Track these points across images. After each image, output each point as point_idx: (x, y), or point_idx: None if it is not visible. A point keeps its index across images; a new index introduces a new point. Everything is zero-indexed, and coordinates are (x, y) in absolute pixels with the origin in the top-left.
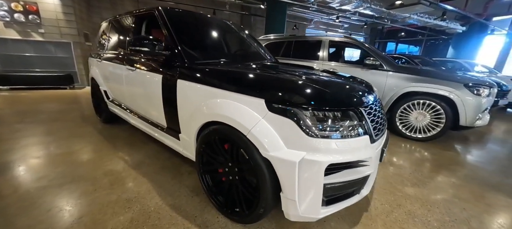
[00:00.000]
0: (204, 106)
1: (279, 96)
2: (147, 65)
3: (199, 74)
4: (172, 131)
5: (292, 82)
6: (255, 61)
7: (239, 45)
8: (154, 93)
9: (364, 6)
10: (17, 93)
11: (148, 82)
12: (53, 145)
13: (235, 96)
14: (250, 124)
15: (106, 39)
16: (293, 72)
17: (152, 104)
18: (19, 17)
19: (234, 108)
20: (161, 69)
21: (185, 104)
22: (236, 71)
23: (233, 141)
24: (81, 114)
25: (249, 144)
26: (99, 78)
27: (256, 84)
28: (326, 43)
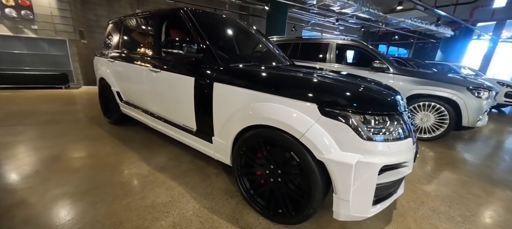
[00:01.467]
0: (249, 110)
1: (333, 101)
2: (176, 67)
3: (241, 78)
4: (203, 134)
5: (343, 87)
6: (276, 63)
7: (260, 47)
8: (183, 95)
9: (363, 9)
10: (7, 93)
11: (177, 84)
12: (66, 149)
13: (285, 101)
14: (304, 127)
15: (119, 39)
16: (328, 75)
17: (180, 106)
18: (10, 12)
19: (285, 112)
20: (194, 71)
21: (223, 107)
22: (284, 75)
23: (281, 144)
24: (86, 115)
25: (302, 147)
26: (111, 79)
27: (307, 89)
28: (333, 45)
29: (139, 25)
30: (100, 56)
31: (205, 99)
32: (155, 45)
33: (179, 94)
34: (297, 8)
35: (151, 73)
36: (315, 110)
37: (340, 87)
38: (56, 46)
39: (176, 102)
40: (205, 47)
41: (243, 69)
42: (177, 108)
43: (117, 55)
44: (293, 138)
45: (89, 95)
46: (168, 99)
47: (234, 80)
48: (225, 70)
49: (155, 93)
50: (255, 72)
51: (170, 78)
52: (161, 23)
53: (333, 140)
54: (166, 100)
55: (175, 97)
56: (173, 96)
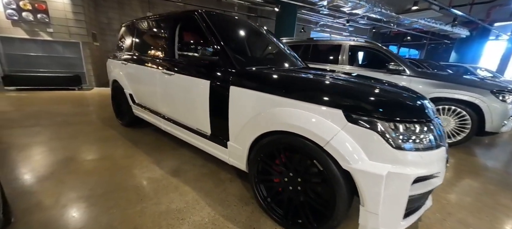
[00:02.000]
0: (268, 115)
1: (360, 107)
2: (190, 70)
3: (259, 81)
4: (217, 138)
5: (370, 92)
6: (291, 65)
7: (274, 49)
8: (198, 99)
9: (375, 10)
10: (24, 94)
11: (191, 87)
12: (81, 151)
13: (307, 106)
14: (328, 135)
15: (133, 42)
16: (353, 79)
17: (194, 110)
18: (27, 15)
19: (308, 118)
20: (209, 74)
21: (240, 111)
22: (306, 79)
23: (302, 151)
24: (99, 117)
25: (326, 156)
26: (124, 81)
27: (331, 94)
28: (346, 47)
29: (152, 28)
30: (113, 59)
31: (220, 103)
32: (168, 48)
33: (193, 97)
34: (306, 9)
35: (164, 76)
36: (340, 117)
37: (367, 92)
38: (70, 49)
39: (190, 106)
40: (221, 50)
41: (261, 72)
42: (191, 112)
43: (130, 57)
44: (317, 145)
45: (101, 97)
46: (182, 102)
47: (252, 83)
48: (242, 73)
49: (168, 96)
50: (275, 76)
51: (184, 81)
52: (175, 26)
53: (361, 148)
54: (180, 103)
55: (189, 101)
56: (187, 99)
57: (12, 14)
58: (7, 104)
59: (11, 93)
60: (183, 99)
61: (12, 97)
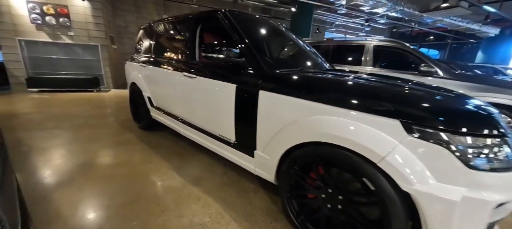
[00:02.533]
0: (306, 124)
1: (423, 117)
2: (214, 73)
3: (295, 86)
4: (242, 146)
5: (434, 100)
6: (320, 67)
7: (300, 50)
8: (222, 103)
9: (397, 8)
10: (46, 96)
11: (215, 91)
12: (100, 155)
13: (356, 115)
14: (384, 150)
15: (152, 44)
16: (411, 85)
17: (217, 115)
18: (50, 20)
19: (356, 129)
20: (235, 78)
21: (270, 119)
22: (354, 83)
23: (348, 166)
24: (117, 119)
25: (379, 174)
26: (143, 84)
27: (386, 101)
28: (369, 48)
29: (172, 30)
30: (131, 61)
31: (247, 109)
32: (189, 50)
33: (216, 102)
34: (323, 9)
35: (185, 79)
36: (398, 128)
37: (431, 99)
38: (89, 51)
39: (213, 111)
40: (247, 51)
41: (297, 75)
42: (213, 117)
43: (149, 60)
44: (368, 161)
45: (118, 99)
46: (203, 106)
47: (285, 88)
48: (273, 76)
49: (189, 100)
50: (314, 80)
51: (206, 84)
52: (196, 27)
53: (426, 167)
54: (201, 108)
55: (212, 105)
56: (209, 104)
57: (36, 19)
58: (30, 105)
59: (34, 95)
60: (205, 103)
61: (35, 99)
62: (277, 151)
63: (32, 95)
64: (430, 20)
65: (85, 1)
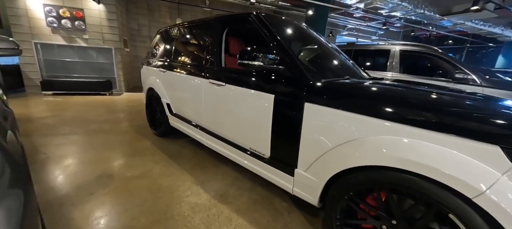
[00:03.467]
0: (369, 144)
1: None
2: (247, 81)
3: (353, 99)
4: (279, 163)
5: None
6: (360, 76)
7: (337, 57)
8: (256, 115)
9: (417, 12)
10: (60, 99)
11: (248, 101)
12: (118, 165)
13: (441, 138)
14: (482, 183)
15: (172, 48)
16: (494, 99)
17: (249, 127)
18: (66, 23)
19: (443, 155)
20: (272, 87)
21: (319, 135)
22: (437, 99)
23: (427, 198)
24: (132, 125)
25: (474, 212)
26: (162, 90)
27: (479, 121)
28: (396, 53)
29: (195, 33)
30: (149, 66)
31: (288, 123)
32: (215, 55)
33: (249, 113)
34: (337, 12)
35: (212, 86)
36: (499, 156)
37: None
38: (103, 54)
39: (244, 122)
40: (288, 58)
41: (356, 87)
42: (244, 129)
43: (170, 65)
44: (457, 194)
45: (131, 102)
46: (233, 117)
47: (341, 101)
48: (322, 87)
49: (215, 109)
50: (381, 93)
51: (238, 93)
52: (222, 31)
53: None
54: (230, 118)
55: (244, 116)
56: (240, 114)
57: (52, 22)
58: (45, 109)
59: (48, 98)
60: (235, 114)
61: (49, 102)
62: (326, 172)
63: (47, 98)
64: (449, 24)
65: (100, 4)
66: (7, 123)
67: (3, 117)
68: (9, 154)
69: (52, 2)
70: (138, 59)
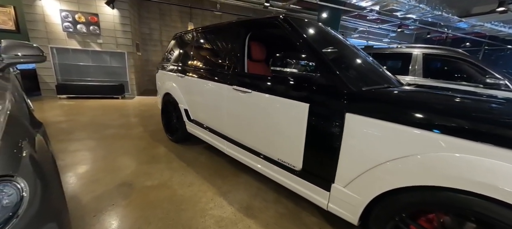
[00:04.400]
0: (429, 163)
1: None
2: (276, 89)
3: (407, 111)
4: (313, 177)
5: None
6: (393, 84)
7: (370, 63)
8: (287, 124)
9: (435, 13)
10: (74, 102)
11: (278, 109)
12: (137, 174)
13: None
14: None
15: (191, 52)
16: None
17: (278, 137)
18: (81, 28)
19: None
20: (307, 95)
21: (363, 149)
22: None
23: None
24: (146, 130)
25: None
26: (179, 95)
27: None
28: (418, 56)
29: (216, 38)
30: (165, 70)
31: (326, 134)
32: (239, 60)
33: (279, 122)
34: (350, 15)
35: (236, 93)
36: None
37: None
38: (116, 58)
39: (272, 131)
40: (323, 64)
41: (409, 96)
42: (273, 139)
43: (188, 70)
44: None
45: (143, 106)
46: (259, 125)
47: (391, 112)
48: (365, 96)
49: (239, 117)
50: (439, 103)
51: (267, 101)
52: (245, 35)
53: None
54: (256, 127)
55: (272, 125)
56: (268, 123)
57: (68, 27)
58: (60, 113)
59: (63, 101)
60: (262, 122)
61: (64, 105)
62: (372, 190)
63: (61, 102)
64: (466, 26)
65: (114, 9)
66: (46, 141)
67: (42, 134)
68: (48, 187)
69: (69, 8)
70: (149, 63)
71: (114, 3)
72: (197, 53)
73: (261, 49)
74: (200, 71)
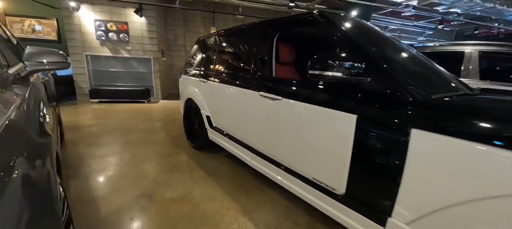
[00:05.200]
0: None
1: None
2: (314, 96)
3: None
4: (361, 205)
5: None
6: (463, 89)
7: (429, 64)
8: (328, 138)
9: (485, 6)
10: (104, 106)
11: (315, 120)
12: (157, 184)
13: None
14: None
15: (213, 56)
16: None
17: (315, 152)
18: (112, 36)
19: None
20: (354, 104)
21: (442, 178)
22: None
23: None
24: (168, 135)
25: None
26: (201, 101)
27: None
28: (473, 55)
29: (240, 40)
30: (188, 75)
31: (382, 153)
32: (266, 64)
33: (317, 135)
34: (380, 12)
35: (263, 100)
36: None
37: None
38: (142, 64)
39: (308, 146)
40: (375, 65)
41: (450, 104)
42: (308, 154)
43: (211, 74)
44: None
45: (166, 110)
46: (291, 138)
47: (485, 131)
48: (436, 106)
49: (266, 127)
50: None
51: (301, 110)
52: (273, 36)
53: None
54: (288, 139)
55: (308, 138)
56: (303, 136)
57: (101, 35)
58: (92, 116)
59: (95, 105)
60: (295, 134)
61: (96, 109)
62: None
63: (94, 106)
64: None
65: (142, 17)
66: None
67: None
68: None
69: (102, 17)
70: (173, 68)
71: (142, 11)
72: (220, 57)
73: (290, 50)
74: (223, 76)
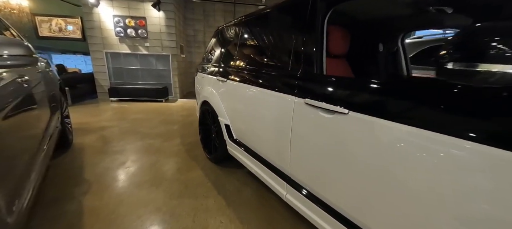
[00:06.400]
0: None
1: None
2: (421, 113)
3: None
4: None
5: None
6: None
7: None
8: (464, 191)
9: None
10: (123, 105)
11: (431, 159)
12: (163, 216)
13: None
14: None
15: (234, 50)
16: None
17: (425, 206)
18: (131, 32)
19: None
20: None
21: None
22: None
23: None
24: (183, 143)
25: None
26: (219, 105)
27: None
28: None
29: (272, 26)
30: (204, 73)
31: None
32: (314, 58)
33: (428, 179)
34: None
35: (313, 112)
36: None
37: None
38: (161, 61)
39: (407, 199)
40: None
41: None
42: (409, 212)
43: (232, 72)
44: None
45: (184, 111)
46: (369, 180)
47: None
48: None
49: (319, 153)
50: None
51: (398, 137)
52: (324, 16)
53: None
54: (361, 181)
55: (410, 188)
56: (397, 180)
57: (119, 32)
58: (107, 118)
59: (113, 104)
60: (377, 175)
61: (113, 109)
62: None
63: (112, 105)
64: None
65: (160, 12)
66: None
67: None
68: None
69: (120, 13)
70: (192, 65)
71: (160, 5)
72: (243, 50)
73: (343, 37)
74: (248, 74)
